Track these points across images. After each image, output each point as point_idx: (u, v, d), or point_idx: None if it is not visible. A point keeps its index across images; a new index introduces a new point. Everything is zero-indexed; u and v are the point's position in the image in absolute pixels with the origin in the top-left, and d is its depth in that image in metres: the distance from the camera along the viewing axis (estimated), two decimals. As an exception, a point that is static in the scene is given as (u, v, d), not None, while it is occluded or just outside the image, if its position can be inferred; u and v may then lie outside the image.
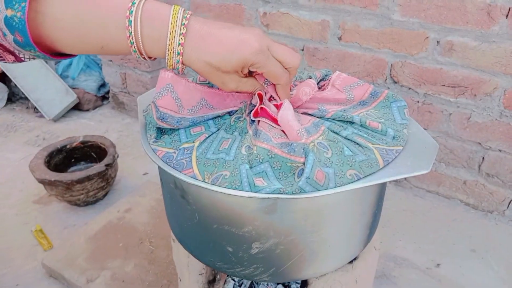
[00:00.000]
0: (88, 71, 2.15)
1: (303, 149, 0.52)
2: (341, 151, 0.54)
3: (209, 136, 0.59)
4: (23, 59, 0.53)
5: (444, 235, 1.30)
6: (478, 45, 1.17)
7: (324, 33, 1.42)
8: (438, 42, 1.23)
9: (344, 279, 0.68)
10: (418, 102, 1.34)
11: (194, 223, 0.60)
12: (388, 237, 1.28)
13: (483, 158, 1.32)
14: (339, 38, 1.40)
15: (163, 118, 0.56)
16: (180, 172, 0.54)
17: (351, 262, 0.70)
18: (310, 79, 0.66)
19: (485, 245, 1.26)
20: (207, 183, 0.52)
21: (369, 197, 0.60)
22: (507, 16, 1.11)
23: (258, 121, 0.59)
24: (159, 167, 0.58)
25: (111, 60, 1.98)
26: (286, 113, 0.56)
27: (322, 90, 0.68)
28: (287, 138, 0.56)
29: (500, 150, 1.28)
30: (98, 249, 1.18)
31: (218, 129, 0.61)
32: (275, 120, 0.58)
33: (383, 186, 0.65)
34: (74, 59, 2.13)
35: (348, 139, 0.57)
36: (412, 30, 1.26)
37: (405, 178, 1.50)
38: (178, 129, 0.60)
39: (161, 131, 0.61)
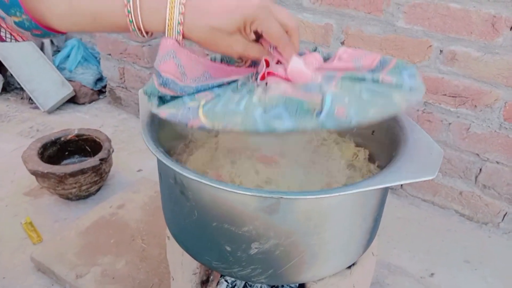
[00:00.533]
0: (86, 64, 2.13)
1: (319, 87, 0.49)
2: (359, 96, 0.50)
3: (216, 96, 0.54)
4: (4, 38, 0.50)
5: (438, 244, 1.30)
6: (481, 56, 1.17)
7: (327, 37, 1.41)
8: (441, 51, 1.23)
9: (342, 284, 0.66)
10: (418, 110, 1.34)
11: (192, 220, 0.59)
12: (383, 245, 1.27)
13: (480, 169, 1.31)
14: (342, 43, 1.39)
15: (166, 83, 0.52)
16: (186, 125, 0.50)
17: (349, 267, 0.69)
18: (316, 52, 0.63)
19: (479, 257, 1.25)
20: (217, 129, 0.48)
21: (372, 201, 0.59)
22: (511, 28, 1.11)
23: (266, 82, 0.55)
24: (158, 160, 0.56)
25: (109, 54, 1.96)
26: (297, 65, 0.53)
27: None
28: None
29: (497, 162, 1.27)
30: (89, 245, 1.16)
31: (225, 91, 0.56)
32: (284, 79, 0.54)
33: (385, 191, 0.64)
34: (72, 51, 2.11)
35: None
36: (415, 38, 1.25)
37: (401, 186, 1.50)
38: (182, 96, 0.55)
39: (163, 101, 0.55)
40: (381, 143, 0.70)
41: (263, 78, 0.56)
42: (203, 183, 0.51)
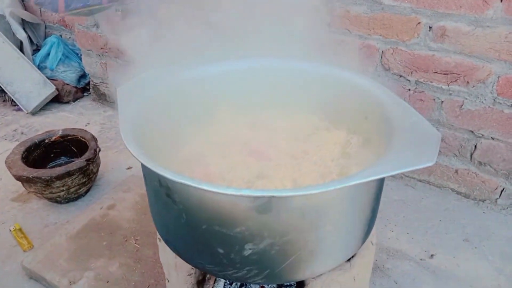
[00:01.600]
0: (67, 62, 2.06)
1: None
2: None
3: None
4: None
5: (436, 225, 1.28)
6: (471, 30, 1.14)
7: (312, 19, 1.37)
8: (430, 27, 1.19)
9: (342, 278, 0.64)
10: (409, 90, 1.31)
11: (181, 223, 0.56)
12: (380, 228, 1.25)
13: (475, 146, 1.29)
14: (328, 25, 1.35)
15: None
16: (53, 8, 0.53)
17: (348, 260, 0.66)
18: None
19: (478, 235, 1.24)
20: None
21: (369, 192, 0.57)
22: (501, 0, 1.07)
23: None
24: (142, 164, 0.53)
25: (90, 50, 1.90)
26: None
27: None
28: None
29: (492, 138, 1.25)
30: (80, 249, 1.13)
31: None
32: None
33: (381, 181, 0.62)
34: (52, 49, 2.04)
35: None
36: (403, 15, 1.22)
37: (396, 168, 1.47)
38: None
39: None
40: (376, 129, 0.67)
41: None
42: (188, 185, 0.47)
